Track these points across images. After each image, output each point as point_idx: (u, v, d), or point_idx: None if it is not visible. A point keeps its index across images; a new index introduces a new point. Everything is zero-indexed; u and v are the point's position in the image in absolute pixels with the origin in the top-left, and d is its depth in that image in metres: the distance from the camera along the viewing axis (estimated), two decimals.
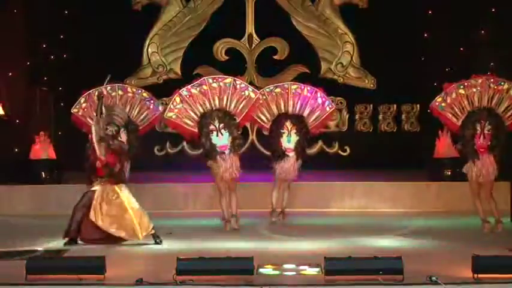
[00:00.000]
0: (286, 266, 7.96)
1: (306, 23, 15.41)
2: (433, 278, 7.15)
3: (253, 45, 15.48)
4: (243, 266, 7.28)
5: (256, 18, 15.38)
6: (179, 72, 15.48)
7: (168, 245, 9.41)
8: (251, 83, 15.40)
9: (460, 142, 10.42)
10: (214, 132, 10.26)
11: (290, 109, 10.93)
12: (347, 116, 15.39)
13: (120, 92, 10.95)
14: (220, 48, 15.43)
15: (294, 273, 7.71)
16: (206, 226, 10.99)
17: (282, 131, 10.85)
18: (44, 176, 12.79)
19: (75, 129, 14.92)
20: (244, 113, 10.43)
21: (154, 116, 11.22)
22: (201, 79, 10.51)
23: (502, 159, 11.21)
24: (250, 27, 15.46)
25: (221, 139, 10.26)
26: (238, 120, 10.41)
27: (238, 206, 10.58)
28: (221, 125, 10.27)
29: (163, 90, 15.37)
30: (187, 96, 10.36)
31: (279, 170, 10.96)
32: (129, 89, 11.15)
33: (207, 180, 12.77)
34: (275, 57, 15.45)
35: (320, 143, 15.08)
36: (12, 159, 13.11)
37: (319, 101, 11.02)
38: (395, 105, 15.36)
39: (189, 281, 7.18)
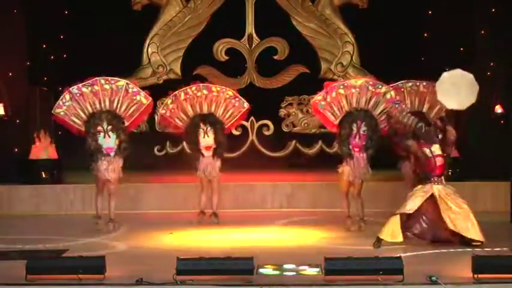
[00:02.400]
0: (286, 266, 7.96)
1: (306, 23, 15.40)
2: (433, 278, 7.16)
3: (253, 45, 15.47)
4: (243, 266, 7.30)
5: (256, 18, 15.37)
6: (179, 72, 15.47)
7: (168, 245, 9.42)
8: (251, 83, 15.47)
9: (336, 141, 10.59)
10: (102, 134, 10.32)
11: (408, 107, 10.97)
12: None
13: (205, 92, 11.05)
14: (220, 48, 15.42)
15: (294, 273, 7.72)
16: (206, 226, 10.99)
17: None
18: (44, 176, 12.78)
19: None
20: (134, 118, 10.52)
21: (240, 112, 11.31)
22: (94, 79, 10.51)
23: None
24: (250, 27, 15.46)
25: (108, 141, 10.33)
26: (127, 123, 10.48)
27: (115, 208, 10.57)
28: (109, 127, 10.33)
29: (163, 90, 15.41)
30: (78, 94, 10.37)
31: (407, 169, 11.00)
32: (213, 88, 11.18)
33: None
34: (275, 57, 15.44)
35: (320, 143, 15.07)
36: (12, 159, 13.10)
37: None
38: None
39: (189, 281, 7.19)
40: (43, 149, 12.93)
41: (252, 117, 15.31)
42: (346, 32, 15.43)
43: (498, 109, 13.26)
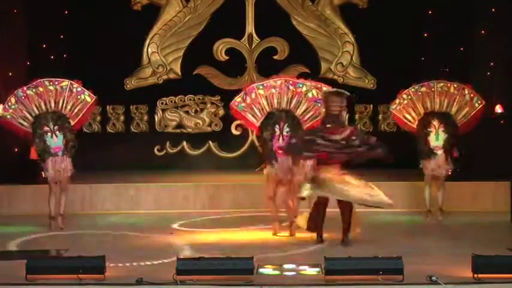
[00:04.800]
0: (286, 266, 7.97)
1: (306, 23, 15.40)
2: (433, 278, 7.16)
3: (253, 45, 15.48)
4: (243, 266, 7.30)
5: (256, 18, 15.37)
6: (179, 72, 15.47)
7: (168, 245, 9.42)
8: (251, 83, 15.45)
9: (259, 143, 10.47)
10: (49, 134, 10.51)
11: (437, 107, 11.00)
12: (347, 116, 15.34)
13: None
14: (220, 48, 15.43)
15: (294, 273, 7.72)
16: (206, 226, 10.99)
17: (429, 129, 10.92)
18: (44, 176, 12.76)
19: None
20: (80, 116, 10.73)
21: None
22: (38, 81, 10.70)
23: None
24: (250, 27, 15.46)
25: (55, 141, 10.53)
26: (73, 123, 10.66)
27: (66, 206, 10.80)
28: (55, 127, 10.52)
29: (163, 90, 15.43)
30: (23, 97, 10.58)
31: (428, 169, 11.08)
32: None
33: (207, 180, 12.80)
34: (275, 57, 15.44)
35: None
36: (12, 159, 13.10)
37: (467, 97, 11.05)
38: None
39: (189, 281, 7.20)
40: None
41: None
42: (346, 32, 15.43)
43: (498, 109, 13.26)
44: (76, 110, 10.72)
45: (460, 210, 11.92)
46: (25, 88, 10.65)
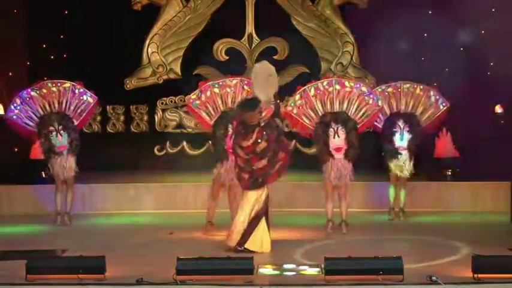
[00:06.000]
0: (286, 266, 7.97)
1: (306, 23, 15.40)
2: (433, 278, 7.17)
3: (253, 45, 15.48)
4: (243, 266, 7.31)
5: (256, 18, 15.37)
6: (179, 72, 15.47)
7: (168, 245, 9.42)
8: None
9: (211, 141, 10.46)
10: (54, 133, 10.79)
11: (402, 108, 11.02)
12: None
13: (337, 87, 10.45)
14: (220, 48, 15.43)
15: (294, 273, 7.73)
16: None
17: (394, 130, 10.92)
18: (44, 176, 12.79)
19: None
20: (83, 117, 11.04)
21: (373, 112, 10.54)
22: (41, 83, 11.06)
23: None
24: (250, 27, 15.46)
25: (60, 140, 10.80)
26: (76, 123, 10.95)
27: (73, 203, 11.12)
28: (60, 127, 10.79)
29: (163, 90, 15.43)
30: (27, 98, 10.90)
31: (393, 169, 11.07)
32: (346, 84, 10.57)
33: (207, 180, 12.80)
34: (275, 57, 15.42)
35: None
36: (12, 159, 13.11)
37: (432, 99, 11.09)
38: None
39: (189, 281, 7.20)
40: None
41: None
42: (346, 32, 15.43)
43: (498, 109, 13.27)
44: (79, 111, 10.98)
45: (460, 210, 11.92)
46: (29, 89, 10.93)
